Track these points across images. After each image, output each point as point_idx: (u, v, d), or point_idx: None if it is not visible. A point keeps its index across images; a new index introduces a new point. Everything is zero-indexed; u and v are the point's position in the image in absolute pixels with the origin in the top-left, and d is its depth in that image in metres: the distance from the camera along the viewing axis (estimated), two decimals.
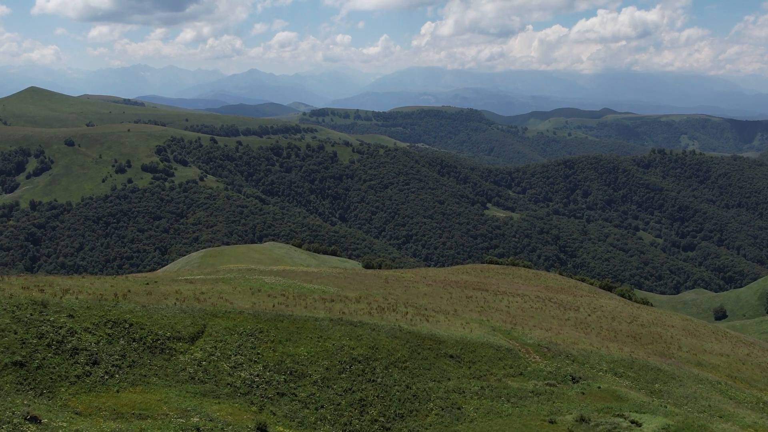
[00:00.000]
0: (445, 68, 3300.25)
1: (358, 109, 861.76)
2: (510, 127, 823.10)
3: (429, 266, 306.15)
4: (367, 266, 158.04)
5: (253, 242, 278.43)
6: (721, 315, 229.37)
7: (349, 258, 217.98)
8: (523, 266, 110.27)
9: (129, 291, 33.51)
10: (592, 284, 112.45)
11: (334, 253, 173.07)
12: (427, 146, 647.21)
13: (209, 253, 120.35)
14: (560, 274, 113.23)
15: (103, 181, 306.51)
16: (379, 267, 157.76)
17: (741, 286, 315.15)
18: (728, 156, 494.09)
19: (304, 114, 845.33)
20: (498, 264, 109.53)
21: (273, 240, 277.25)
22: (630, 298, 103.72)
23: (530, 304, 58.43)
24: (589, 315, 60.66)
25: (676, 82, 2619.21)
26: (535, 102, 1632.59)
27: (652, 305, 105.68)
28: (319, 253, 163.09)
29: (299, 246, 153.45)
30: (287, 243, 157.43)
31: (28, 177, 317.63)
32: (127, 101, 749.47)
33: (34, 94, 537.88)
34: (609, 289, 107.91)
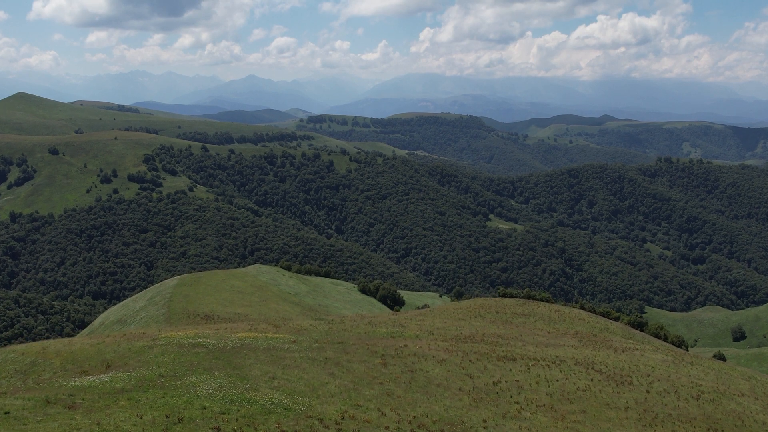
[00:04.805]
0: (443, 74, 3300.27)
1: (356, 116, 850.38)
2: (510, 134, 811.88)
3: (429, 281, 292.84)
4: (363, 290, 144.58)
5: (243, 257, 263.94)
6: (739, 336, 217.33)
7: (345, 278, 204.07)
8: (540, 299, 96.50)
9: None
10: (618, 320, 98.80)
11: (327, 275, 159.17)
12: (426, 154, 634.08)
13: (184, 282, 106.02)
14: (582, 308, 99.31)
15: (88, 191, 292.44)
16: (377, 291, 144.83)
17: (754, 301, 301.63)
18: (736, 165, 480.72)
19: (302, 120, 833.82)
20: (512, 297, 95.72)
21: (264, 253, 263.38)
22: (666, 339, 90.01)
23: (573, 381, 44.55)
24: (647, 391, 46.89)
25: (675, 88, 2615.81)
26: (534, 109, 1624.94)
27: (687, 347, 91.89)
28: (310, 275, 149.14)
29: (288, 269, 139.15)
30: (275, 265, 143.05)
31: (9, 187, 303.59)
32: (121, 107, 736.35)
33: (22, 100, 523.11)
34: (640, 327, 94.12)
